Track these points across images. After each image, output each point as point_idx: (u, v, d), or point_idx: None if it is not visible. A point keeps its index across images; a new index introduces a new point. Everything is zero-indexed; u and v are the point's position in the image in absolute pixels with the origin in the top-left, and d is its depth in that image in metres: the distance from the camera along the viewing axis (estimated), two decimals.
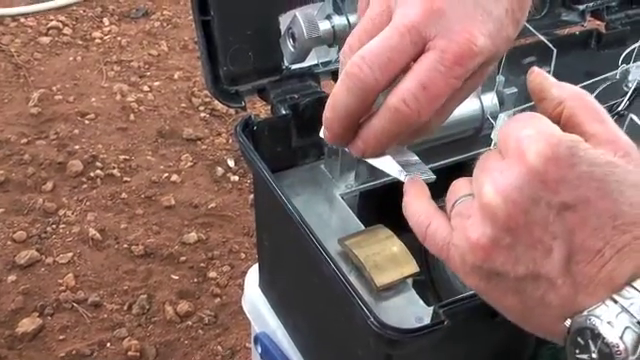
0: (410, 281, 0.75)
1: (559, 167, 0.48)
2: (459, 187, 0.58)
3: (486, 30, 0.57)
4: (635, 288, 0.46)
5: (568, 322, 0.50)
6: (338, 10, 0.79)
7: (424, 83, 0.57)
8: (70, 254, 1.65)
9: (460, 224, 0.54)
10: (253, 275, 0.97)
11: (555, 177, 0.48)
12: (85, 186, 1.81)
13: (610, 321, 0.46)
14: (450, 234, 0.56)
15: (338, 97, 0.61)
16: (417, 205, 0.61)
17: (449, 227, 0.57)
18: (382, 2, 0.59)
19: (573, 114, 0.54)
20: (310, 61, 0.85)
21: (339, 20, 0.77)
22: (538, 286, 0.50)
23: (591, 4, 1.00)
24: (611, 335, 0.46)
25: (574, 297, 0.48)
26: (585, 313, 0.48)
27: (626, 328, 0.46)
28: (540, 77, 0.56)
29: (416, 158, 0.67)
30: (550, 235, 0.48)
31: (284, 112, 0.85)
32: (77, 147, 1.88)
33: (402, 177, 0.64)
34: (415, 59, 0.57)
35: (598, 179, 0.48)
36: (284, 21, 0.84)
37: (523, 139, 0.50)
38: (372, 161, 0.65)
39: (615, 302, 0.47)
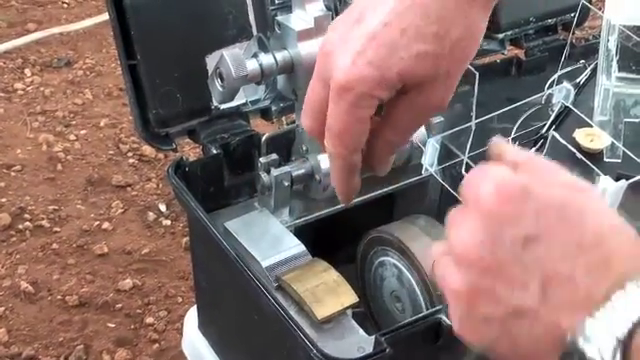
0: (350, 312, 0.75)
1: (514, 204, 0.50)
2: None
3: (364, 59, 0.59)
4: (612, 302, 0.48)
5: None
6: (264, 48, 0.80)
7: (328, 122, 0.62)
8: (2, 309, 1.62)
9: (441, 283, 0.55)
10: (192, 317, 0.97)
11: (512, 214, 0.50)
12: (14, 239, 1.78)
13: (591, 337, 0.47)
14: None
15: None
16: None
17: None
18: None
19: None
20: (238, 100, 0.86)
21: (266, 58, 0.78)
22: (523, 322, 0.50)
23: (510, 33, 1.03)
24: (592, 351, 0.47)
25: (558, 324, 0.49)
26: (568, 337, 0.48)
27: (607, 342, 0.47)
28: (500, 146, 0.57)
29: None
30: (522, 269, 0.49)
31: (215, 152, 0.86)
32: (4, 200, 1.85)
33: None
34: None
35: (557, 209, 0.49)
36: (211, 61, 0.84)
37: (478, 186, 0.51)
38: None
39: (594, 319, 0.48)
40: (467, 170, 0.82)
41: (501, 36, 1.03)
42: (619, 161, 0.83)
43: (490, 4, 0.62)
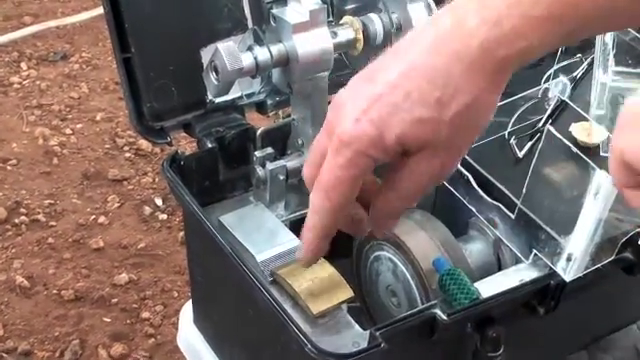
0: (345, 307, 0.75)
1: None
2: None
3: (367, 117, 0.60)
4: None
5: None
6: (259, 41, 0.79)
7: (321, 173, 0.62)
8: None
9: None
10: (187, 312, 0.96)
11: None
12: (10, 233, 1.78)
13: None
14: None
15: None
16: None
17: None
18: None
19: None
20: (234, 93, 0.86)
21: (261, 51, 0.77)
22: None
23: None
24: None
25: None
26: None
27: None
28: None
29: None
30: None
31: (210, 146, 0.86)
32: (0, 194, 1.85)
33: None
34: None
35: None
36: (206, 55, 0.84)
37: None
38: None
39: None
40: (463, 164, 0.82)
41: None
42: None
43: (499, 77, 0.60)
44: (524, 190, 0.77)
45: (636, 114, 0.51)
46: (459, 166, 0.82)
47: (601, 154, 0.83)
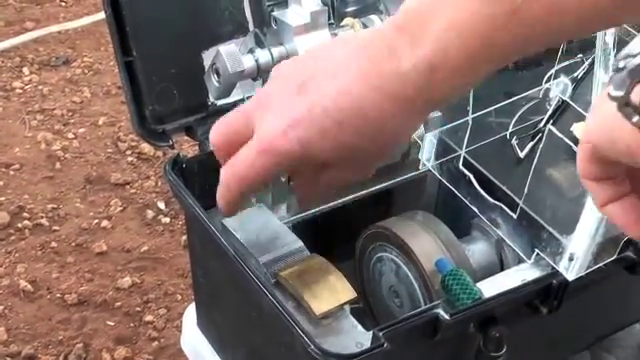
0: (348, 308, 0.75)
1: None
2: None
3: (295, 133, 0.61)
4: None
5: None
6: (260, 44, 0.80)
7: (233, 162, 0.66)
8: (1, 307, 1.62)
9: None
10: (191, 315, 0.96)
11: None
12: (13, 238, 1.78)
13: None
14: None
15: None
16: None
17: None
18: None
19: None
20: (235, 96, 0.86)
21: (262, 54, 0.78)
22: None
23: None
24: None
25: None
26: None
27: None
28: None
29: None
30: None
31: (212, 148, 0.85)
32: (3, 199, 1.85)
33: None
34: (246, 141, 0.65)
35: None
36: (207, 57, 0.84)
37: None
38: None
39: None
40: (464, 165, 0.82)
41: None
42: None
43: (431, 110, 0.63)
44: (526, 190, 0.77)
45: (602, 98, 0.50)
46: (461, 166, 0.82)
47: None
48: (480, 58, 0.56)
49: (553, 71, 0.90)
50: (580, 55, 0.94)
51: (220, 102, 0.87)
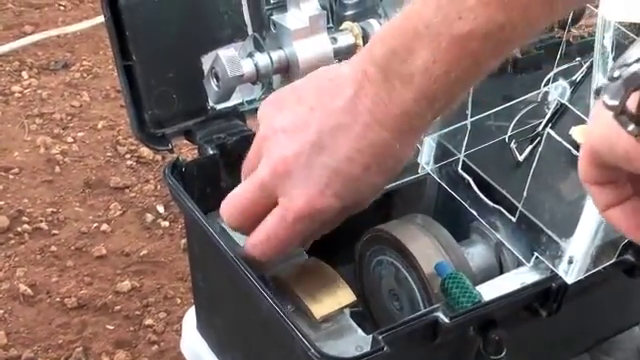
0: (348, 311, 0.75)
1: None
2: None
3: (331, 191, 0.65)
4: None
5: None
6: (260, 47, 0.80)
7: (269, 234, 0.68)
8: (1, 311, 1.62)
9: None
10: (190, 318, 0.96)
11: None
12: (13, 242, 1.78)
13: None
14: None
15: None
16: None
17: None
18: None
19: None
20: (235, 100, 0.86)
21: (261, 57, 0.78)
22: None
23: None
24: None
25: None
26: None
27: None
28: None
29: None
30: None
31: (211, 152, 0.86)
32: (2, 203, 1.85)
33: None
34: (271, 208, 0.67)
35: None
36: (207, 61, 0.85)
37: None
38: None
39: None
40: (463, 168, 0.82)
41: None
42: None
43: (420, 135, 0.70)
44: (525, 193, 0.77)
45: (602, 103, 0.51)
46: (460, 170, 0.82)
47: None
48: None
49: (552, 74, 0.90)
50: (579, 58, 0.94)
51: (219, 106, 0.87)
